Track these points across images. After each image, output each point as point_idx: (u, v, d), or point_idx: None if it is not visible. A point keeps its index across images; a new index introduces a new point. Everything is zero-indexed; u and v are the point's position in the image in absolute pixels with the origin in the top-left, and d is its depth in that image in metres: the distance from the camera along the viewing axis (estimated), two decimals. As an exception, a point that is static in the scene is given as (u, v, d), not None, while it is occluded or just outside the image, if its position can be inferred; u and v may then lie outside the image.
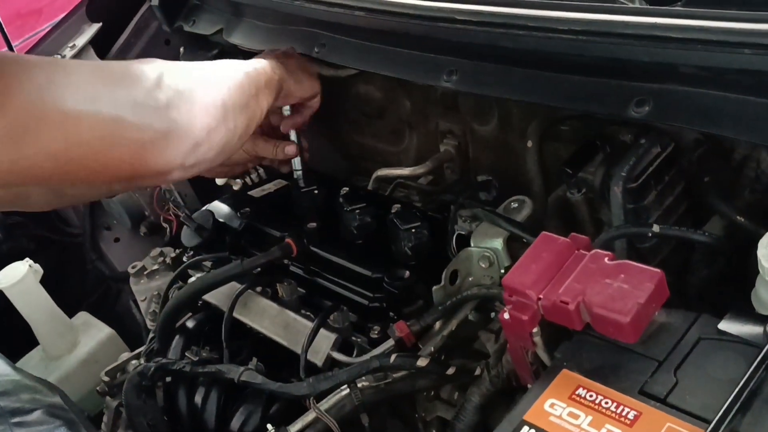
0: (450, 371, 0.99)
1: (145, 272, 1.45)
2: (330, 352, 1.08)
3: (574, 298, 0.74)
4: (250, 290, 1.21)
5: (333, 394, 1.01)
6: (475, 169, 1.37)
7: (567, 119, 1.15)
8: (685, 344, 0.72)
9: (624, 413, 0.68)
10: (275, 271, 1.22)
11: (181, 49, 1.68)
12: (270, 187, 1.45)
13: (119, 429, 1.22)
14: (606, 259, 0.77)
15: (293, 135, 1.35)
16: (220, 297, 1.23)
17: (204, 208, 1.39)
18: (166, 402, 1.17)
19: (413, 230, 1.14)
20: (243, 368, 1.06)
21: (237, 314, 1.19)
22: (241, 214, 1.34)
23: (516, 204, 1.12)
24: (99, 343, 1.53)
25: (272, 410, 1.09)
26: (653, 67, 0.85)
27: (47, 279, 1.52)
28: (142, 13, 1.73)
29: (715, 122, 0.83)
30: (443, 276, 1.06)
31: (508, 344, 0.83)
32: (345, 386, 1.00)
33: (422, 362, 0.98)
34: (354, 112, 1.54)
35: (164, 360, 1.14)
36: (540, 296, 0.77)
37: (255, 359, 1.11)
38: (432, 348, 1.02)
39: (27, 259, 1.48)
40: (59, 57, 1.64)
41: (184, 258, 1.38)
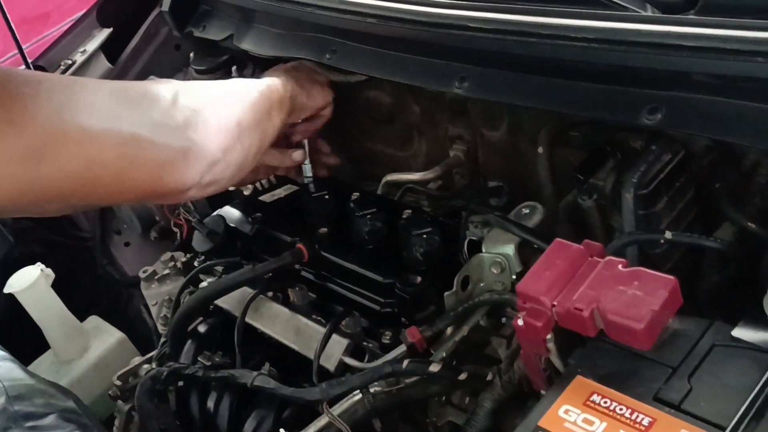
0: (462, 377, 1.00)
1: (156, 277, 1.45)
2: (342, 357, 1.08)
3: (589, 305, 0.74)
4: (262, 295, 1.22)
5: (345, 399, 1.01)
6: (485, 175, 1.37)
7: (577, 125, 1.15)
8: (699, 351, 0.73)
9: (638, 420, 0.69)
10: (286, 277, 1.23)
11: (191, 55, 1.68)
12: (280, 192, 1.46)
13: (131, 433, 1.23)
14: (620, 266, 0.77)
15: (304, 142, 1.36)
16: (232, 302, 1.24)
17: (215, 213, 1.40)
18: (179, 406, 1.18)
19: (424, 236, 1.14)
20: (256, 373, 1.06)
21: (249, 319, 1.20)
22: (252, 220, 1.35)
23: (527, 210, 1.12)
24: (110, 348, 1.53)
25: (284, 415, 1.09)
26: (666, 75, 0.86)
27: (58, 283, 1.52)
28: (153, 19, 1.74)
29: (728, 130, 0.83)
30: (455, 282, 1.06)
31: (522, 350, 0.84)
32: (357, 391, 1.01)
33: (434, 368, 0.99)
34: (363, 118, 1.54)
35: (177, 364, 1.14)
36: (554, 303, 0.77)
37: (267, 364, 1.12)
38: (444, 353, 1.03)
39: (38, 264, 1.48)
40: (70, 62, 1.65)
41: (196, 263, 1.38)
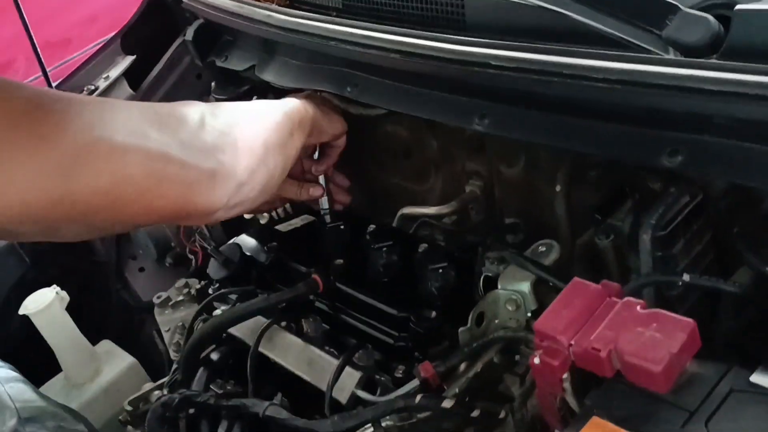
0: (475, 413, 0.99)
1: (170, 303, 1.46)
2: (354, 390, 1.08)
3: (606, 346, 0.74)
4: (276, 325, 1.22)
5: (357, 432, 1.01)
6: (501, 211, 1.37)
7: (596, 165, 1.16)
8: (717, 396, 0.72)
9: (655, 462, 0.68)
10: (301, 307, 1.23)
11: (213, 84, 1.70)
12: (296, 222, 1.47)
13: (140, 459, 1.23)
14: (638, 308, 0.77)
15: (321, 177, 1.38)
16: (245, 330, 1.24)
17: (231, 242, 1.40)
18: (189, 434, 1.17)
19: (440, 270, 1.15)
20: (268, 403, 1.06)
21: (262, 348, 1.20)
22: (268, 249, 1.36)
23: (544, 248, 1.12)
24: (121, 372, 1.53)
25: (296, 446, 1.09)
26: (687, 118, 0.86)
27: (71, 306, 1.53)
28: (176, 48, 1.76)
29: (749, 174, 0.83)
30: (470, 318, 1.06)
31: (537, 389, 0.83)
32: (369, 425, 1.00)
33: (447, 404, 0.98)
34: (380, 151, 1.55)
35: (189, 391, 1.14)
36: (571, 342, 0.77)
37: (280, 394, 1.11)
38: (457, 390, 1.02)
39: (54, 286, 1.49)
40: (93, 87, 1.68)
41: (210, 290, 1.39)
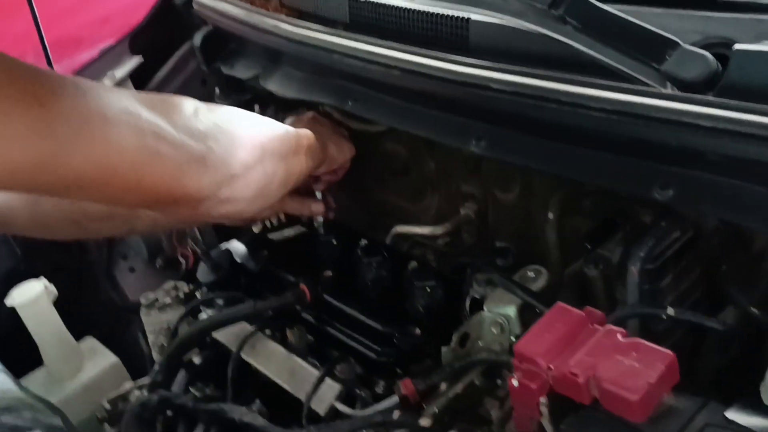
0: (452, 434, 0.99)
1: (157, 305, 1.45)
2: (333, 403, 1.08)
3: (585, 372, 0.74)
4: (260, 332, 1.22)
5: (333, 445, 1.01)
6: (493, 235, 1.38)
7: (589, 195, 1.16)
8: (692, 429, 0.72)
9: (626, 492, 0.68)
10: (286, 316, 1.23)
11: (216, 90, 1.71)
12: (289, 232, 1.47)
13: (115, 458, 1.22)
14: (619, 336, 0.77)
15: (318, 193, 1.36)
16: (230, 336, 1.24)
17: (222, 247, 1.40)
18: (165, 436, 1.17)
19: (428, 288, 1.15)
20: (245, 409, 1.06)
21: (244, 355, 1.20)
22: (259, 256, 1.36)
23: (533, 273, 1.13)
24: (103, 371, 1.53)
25: (270, 455, 1.09)
26: (680, 152, 0.86)
27: (59, 301, 1.52)
28: (183, 52, 1.77)
29: (738, 212, 0.83)
30: (453, 337, 1.06)
31: (514, 411, 0.83)
32: (345, 438, 1.00)
33: (425, 422, 0.98)
34: (378, 168, 1.55)
35: (167, 393, 1.14)
36: (550, 366, 0.77)
37: (258, 401, 1.11)
38: (436, 409, 1.02)
39: (43, 279, 1.49)
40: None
41: (198, 294, 1.39)
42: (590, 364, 0.75)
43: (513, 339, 1.06)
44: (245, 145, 0.95)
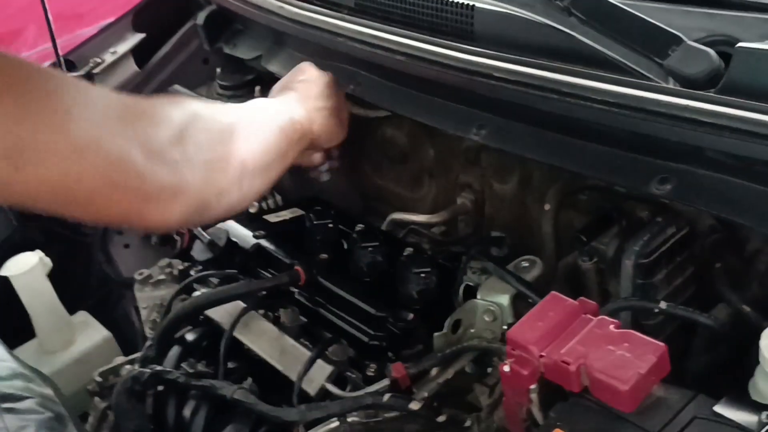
0: (441, 419, 1.00)
1: (151, 281, 1.46)
2: (324, 384, 1.08)
3: (576, 360, 0.75)
4: (253, 312, 1.22)
5: (322, 425, 1.01)
6: (489, 225, 1.38)
7: (586, 189, 1.17)
8: (680, 421, 0.73)
9: (612, 480, 0.69)
10: (280, 297, 1.24)
11: (218, 70, 1.71)
12: (285, 215, 1.47)
13: (103, 431, 1.22)
14: (611, 327, 0.78)
15: None
16: (223, 314, 1.24)
17: (218, 226, 1.40)
18: (154, 410, 1.17)
19: (422, 275, 1.15)
20: (237, 386, 1.06)
21: (237, 333, 1.20)
22: (255, 237, 1.36)
23: (527, 263, 1.13)
24: (95, 345, 1.53)
25: (259, 433, 1.09)
26: (680, 148, 0.87)
27: (52, 273, 1.52)
28: (186, 30, 1.77)
29: (735, 209, 0.84)
30: (446, 324, 1.07)
31: (504, 397, 0.84)
32: (335, 419, 1.01)
33: (415, 405, 0.99)
34: (377, 154, 1.56)
35: (160, 368, 1.14)
36: (542, 353, 0.78)
37: (250, 379, 1.12)
38: (426, 393, 1.03)
39: (38, 251, 1.49)
40: (100, 60, 1.68)
41: (192, 272, 1.39)
42: (582, 353, 0.75)
43: (505, 327, 1.07)
44: (226, 168, 0.90)
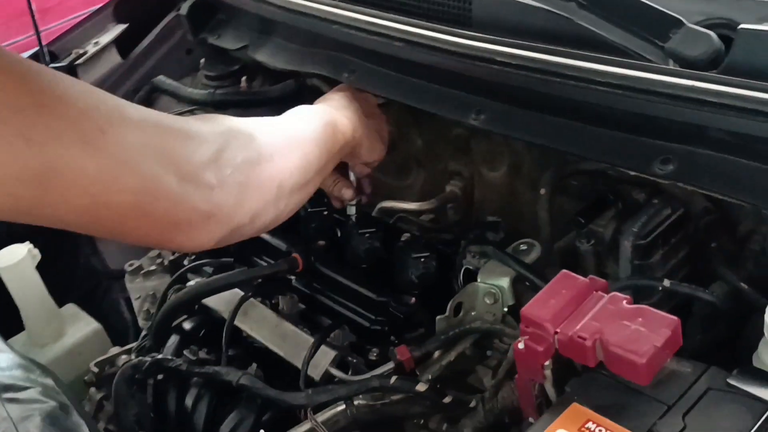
0: (446, 400, 1.01)
1: (142, 271, 1.45)
2: (329, 368, 1.08)
3: (592, 335, 0.76)
4: (252, 299, 1.22)
5: (328, 408, 1.02)
6: (479, 213, 1.39)
7: (578, 174, 1.18)
8: (694, 392, 0.75)
9: (632, 450, 0.70)
10: (278, 284, 1.23)
11: (202, 61, 1.70)
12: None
13: (100, 422, 1.21)
14: (624, 302, 0.79)
15: (352, 176, 1.30)
16: (220, 302, 1.24)
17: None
18: (155, 399, 1.16)
19: (422, 259, 1.16)
20: (242, 372, 1.06)
21: (236, 321, 1.20)
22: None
23: (525, 246, 1.15)
24: (85, 336, 1.51)
25: (264, 418, 1.09)
26: (682, 128, 0.89)
27: (39, 265, 1.50)
28: (169, 21, 1.75)
29: (737, 189, 0.85)
30: (448, 307, 1.08)
31: (518, 375, 0.85)
32: (341, 402, 1.01)
33: (421, 387, 1.00)
34: (365, 142, 1.55)
35: (161, 356, 1.14)
36: (557, 330, 0.79)
37: (255, 365, 1.12)
38: (430, 376, 1.04)
39: (27, 243, 1.47)
40: (82, 51, 1.66)
41: (185, 262, 1.38)
42: (597, 329, 0.76)
43: (505, 310, 1.08)
44: (262, 189, 0.87)
